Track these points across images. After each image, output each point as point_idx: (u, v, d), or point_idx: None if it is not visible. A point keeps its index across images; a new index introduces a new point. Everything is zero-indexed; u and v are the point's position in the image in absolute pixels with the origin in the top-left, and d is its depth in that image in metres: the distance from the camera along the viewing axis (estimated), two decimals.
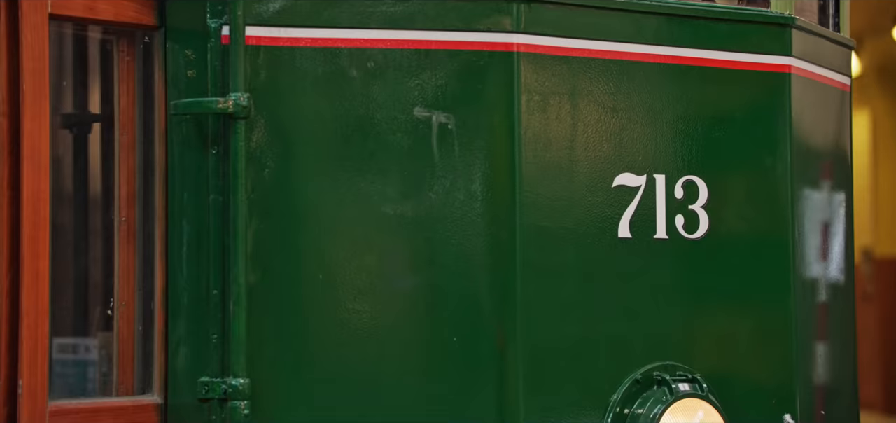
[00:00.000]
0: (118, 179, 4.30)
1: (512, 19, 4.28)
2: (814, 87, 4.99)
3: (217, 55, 4.16)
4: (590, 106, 4.41)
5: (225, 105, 4.10)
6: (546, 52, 4.33)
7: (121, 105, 4.30)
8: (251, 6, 4.13)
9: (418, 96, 4.22)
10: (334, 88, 4.19)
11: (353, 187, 4.20)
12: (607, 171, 4.43)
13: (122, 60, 4.30)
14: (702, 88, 4.63)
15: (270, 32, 4.15)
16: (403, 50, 4.22)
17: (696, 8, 4.65)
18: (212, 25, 4.16)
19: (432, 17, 4.24)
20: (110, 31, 4.37)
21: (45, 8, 4.02)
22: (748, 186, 4.73)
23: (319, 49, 4.18)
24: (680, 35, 4.59)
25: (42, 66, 4.01)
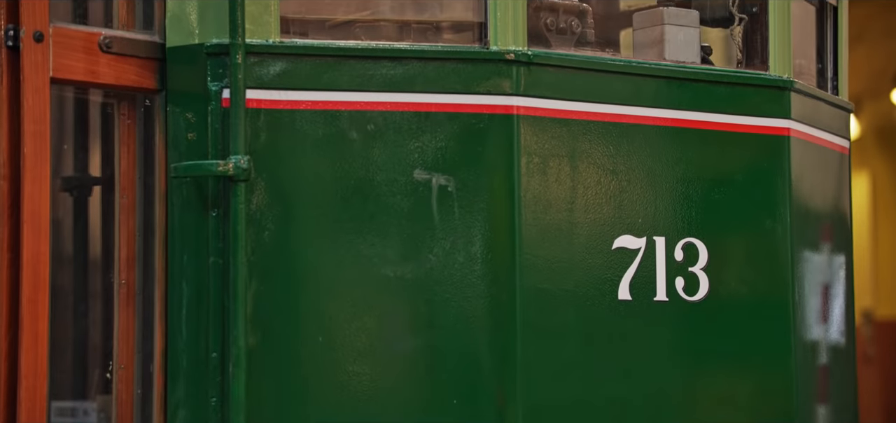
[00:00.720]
0: (118, 242, 4.31)
1: (511, 82, 4.29)
2: (813, 149, 5.00)
3: (217, 118, 4.17)
4: (589, 168, 4.42)
5: (225, 167, 4.11)
6: (545, 114, 4.34)
7: (121, 167, 4.31)
8: (252, 69, 4.15)
9: (418, 158, 4.23)
10: (334, 150, 4.20)
11: (353, 249, 4.20)
12: (607, 233, 4.44)
13: (123, 123, 4.32)
14: (701, 151, 4.65)
15: (271, 95, 4.17)
16: (403, 112, 4.23)
17: (694, 71, 4.67)
18: (212, 88, 4.17)
19: (432, 80, 4.26)
20: (111, 94, 4.39)
21: (46, 72, 4.04)
22: (748, 248, 4.74)
23: (319, 112, 4.20)
24: (679, 98, 4.61)
25: (43, 129, 4.02)
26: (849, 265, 5.37)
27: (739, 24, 4.91)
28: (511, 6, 4.30)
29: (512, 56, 4.29)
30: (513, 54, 4.29)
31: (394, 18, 4.65)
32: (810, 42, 5.38)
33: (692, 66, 4.70)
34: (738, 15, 4.90)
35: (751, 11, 4.90)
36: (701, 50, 4.84)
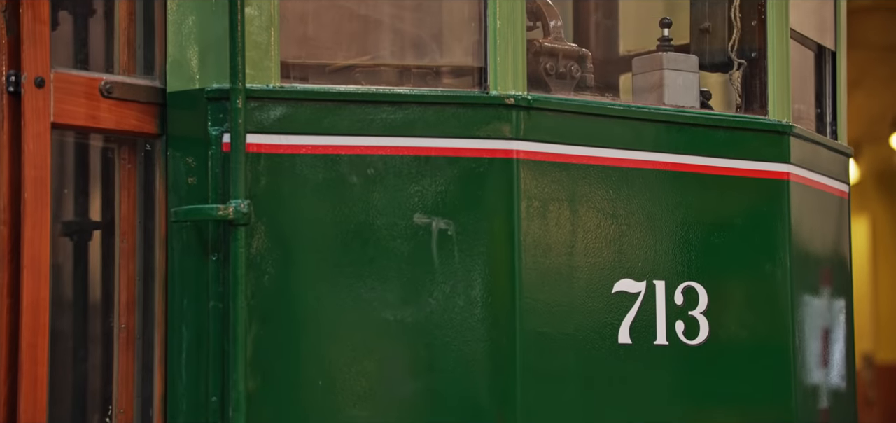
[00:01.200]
0: (118, 286, 4.30)
1: (511, 126, 4.30)
2: (812, 193, 5.00)
3: (218, 162, 4.17)
4: (589, 212, 4.42)
5: (225, 212, 4.11)
6: (545, 158, 4.35)
7: (121, 212, 4.31)
8: (252, 114, 4.16)
9: (418, 202, 4.24)
10: (334, 194, 4.20)
11: (353, 293, 4.20)
12: (607, 277, 4.44)
13: (124, 168, 4.32)
14: (701, 195, 4.65)
15: (271, 140, 4.17)
16: (403, 157, 4.24)
17: (694, 115, 4.68)
18: (213, 133, 4.18)
19: (432, 124, 4.26)
20: (112, 139, 4.39)
21: (47, 117, 4.04)
22: (748, 292, 4.73)
23: (320, 156, 4.20)
24: (679, 142, 4.61)
25: (43, 174, 4.02)
26: (849, 309, 5.37)
27: (738, 70, 4.92)
28: (511, 51, 4.31)
29: (512, 100, 4.30)
30: (513, 99, 4.30)
31: (394, 63, 4.66)
32: (809, 87, 5.39)
33: (692, 110, 4.71)
34: (737, 60, 4.91)
35: (750, 56, 4.91)
36: (700, 95, 4.86)
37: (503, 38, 4.31)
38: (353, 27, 4.82)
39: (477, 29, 4.35)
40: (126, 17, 4.31)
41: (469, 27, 4.47)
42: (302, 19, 4.65)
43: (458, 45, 4.72)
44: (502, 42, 4.31)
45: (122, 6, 4.31)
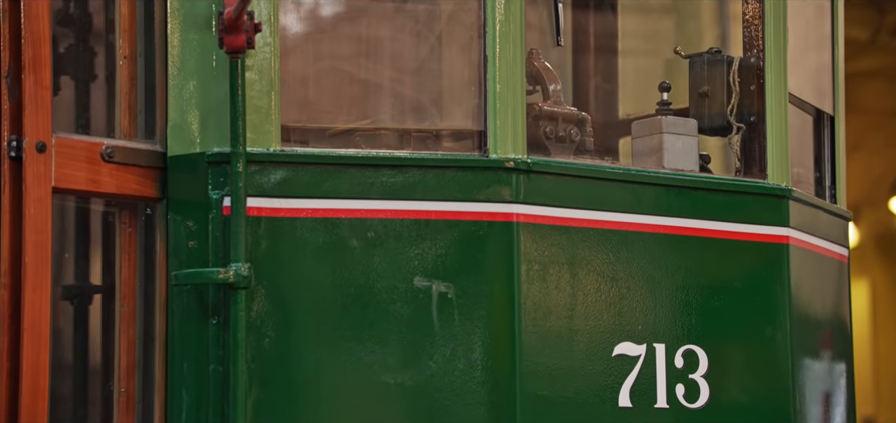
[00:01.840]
0: (118, 350, 4.30)
1: (511, 190, 4.31)
2: (812, 257, 5.00)
3: (218, 226, 4.18)
4: (589, 275, 4.42)
5: (226, 275, 4.11)
6: (545, 222, 4.35)
7: (122, 276, 4.31)
8: (253, 178, 4.16)
9: (418, 266, 4.24)
10: (335, 257, 4.20)
11: (353, 356, 4.19)
12: (607, 340, 4.43)
13: (124, 232, 4.33)
14: (701, 258, 4.65)
15: (271, 203, 4.18)
16: (403, 220, 4.24)
17: (693, 179, 4.68)
18: (213, 197, 4.18)
19: (432, 188, 4.27)
20: (113, 203, 4.40)
21: (48, 182, 4.05)
22: (748, 356, 4.73)
23: (320, 219, 4.21)
24: (678, 205, 4.62)
25: (44, 238, 4.03)
26: (849, 373, 5.36)
27: (737, 133, 4.93)
28: (510, 115, 4.33)
29: (511, 164, 4.31)
30: (512, 162, 4.31)
31: (394, 127, 4.68)
32: (808, 151, 5.40)
33: (691, 174, 4.71)
34: (736, 124, 4.92)
35: (749, 120, 4.92)
36: (700, 158, 4.86)
37: (503, 102, 4.32)
38: (354, 91, 4.84)
39: (477, 93, 4.36)
40: (127, 82, 4.33)
41: (469, 91, 4.49)
42: (302, 83, 4.67)
43: (458, 108, 4.74)
44: (502, 106, 4.32)
45: (124, 71, 4.33)
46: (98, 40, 4.63)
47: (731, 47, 5.16)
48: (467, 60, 4.53)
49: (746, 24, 4.93)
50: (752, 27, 4.92)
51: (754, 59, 4.91)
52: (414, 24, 4.88)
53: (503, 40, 4.32)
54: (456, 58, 4.76)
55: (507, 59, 4.33)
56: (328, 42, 4.89)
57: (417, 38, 4.88)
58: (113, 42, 4.42)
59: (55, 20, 4.41)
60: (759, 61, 4.89)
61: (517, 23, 4.34)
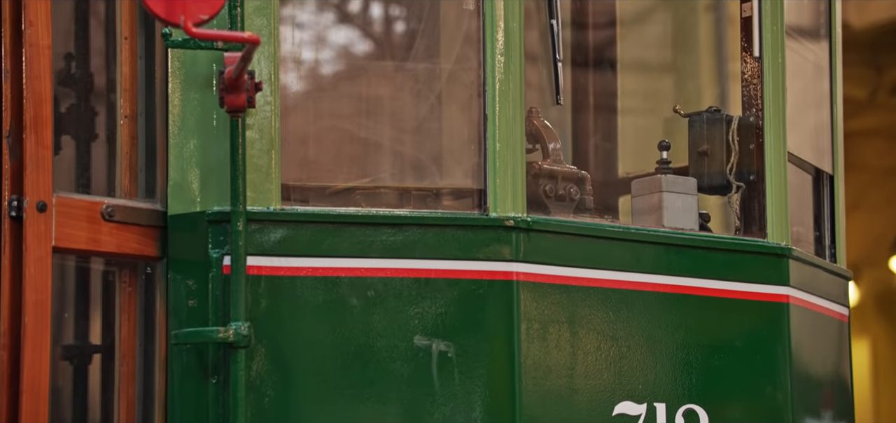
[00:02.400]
0: (118, 410, 4.29)
1: (511, 248, 4.31)
2: (812, 316, 5.00)
3: (218, 285, 4.18)
4: (589, 334, 4.42)
5: (226, 334, 4.11)
6: (545, 280, 4.35)
7: (121, 335, 4.31)
8: (253, 236, 4.17)
9: (418, 324, 4.23)
10: (334, 316, 4.20)
11: (353, 415, 4.18)
12: (607, 399, 4.42)
13: (124, 291, 4.33)
14: (700, 317, 4.65)
15: (271, 262, 4.18)
16: (403, 279, 4.24)
17: (693, 237, 4.68)
18: (213, 256, 4.19)
19: (432, 246, 4.27)
20: (113, 262, 4.40)
21: (49, 241, 4.05)
22: (749, 415, 4.71)
23: (320, 278, 4.21)
24: (678, 264, 4.62)
25: (44, 298, 4.02)
26: None
27: (737, 192, 4.94)
28: (510, 173, 4.33)
29: (511, 222, 4.31)
30: (512, 221, 4.31)
31: (394, 185, 4.68)
32: (808, 210, 5.40)
33: (690, 232, 4.72)
34: (735, 183, 4.93)
35: (748, 179, 4.93)
36: (699, 217, 4.87)
37: (503, 161, 4.33)
38: (354, 150, 4.85)
39: (477, 151, 4.37)
40: (128, 141, 4.34)
41: (469, 150, 4.49)
42: (302, 142, 4.68)
43: (458, 167, 4.74)
44: (502, 164, 4.33)
45: (125, 130, 4.34)
46: (99, 100, 4.64)
47: (731, 106, 5.18)
48: (467, 119, 4.54)
49: (745, 83, 4.95)
50: (751, 86, 4.93)
51: (753, 119, 4.92)
52: (414, 84, 4.90)
53: (503, 99, 4.34)
54: (456, 116, 4.78)
55: (507, 117, 4.34)
56: (328, 101, 4.91)
57: (417, 96, 4.89)
58: (114, 101, 4.44)
59: (57, 80, 4.42)
60: (759, 120, 4.91)
61: (517, 82, 4.35)
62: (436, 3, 4.82)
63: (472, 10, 4.47)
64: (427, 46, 4.85)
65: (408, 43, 4.96)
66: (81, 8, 4.65)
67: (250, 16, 4.18)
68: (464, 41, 4.59)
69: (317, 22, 4.93)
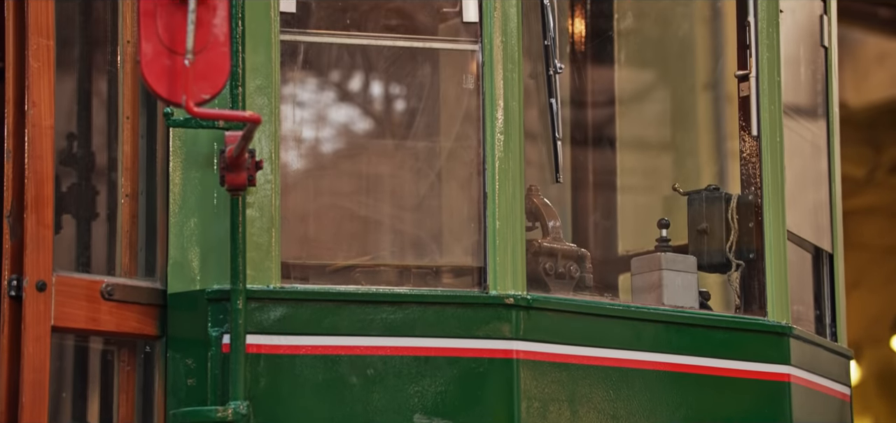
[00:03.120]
0: None
1: (511, 326, 4.30)
2: (814, 395, 4.98)
3: (217, 363, 4.17)
4: (590, 412, 4.40)
5: (224, 414, 4.09)
6: (545, 358, 4.34)
7: (120, 415, 4.30)
8: (252, 315, 4.16)
9: (418, 403, 4.22)
10: (334, 394, 4.19)
11: None
12: None
13: (123, 370, 4.32)
14: (701, 396, 4.63)
15: (271, 340, 4.17)
16: (403, 357, 4.23)
17: (693, 316, 4.68)
18: (213, 334, 4.18)
19: (432, 324, 4.27)
20: (112, 341, 4.39)
21: (48, 320, 4.05)
22: None
23: (320, 356, 4.20)
24: (678, 342, 4.61)
25: (42, 377, 4.01)
26: None
27: (737, 270, 4.94)
28: (510, 251, 4.34)
29: (511, 300, 4.31)
30: (512, 299, 4.31)
31: (394, 263, 4.68)
32: (808, 288, 5.40)
33: (690, 311, 4.71)
34: (735, 261, 4.93)
35: (748, 257, 4.93)
36: (699, 295, 4.86)
37: (502, 239, 4.34)
38: (354, 227, 4.86)
39: (476, 229, 4.38)
40: (129, 220, 4.34)
41: (469, 227, 4.50)
42: (303, 220, 4.69)
43: (458, 244, 4.75)
44: (502, 242, 4.33)
45: (126, 209, 4.35)
46: (100, 178, 4.66)
47: (730, 184, 5.19)
48: (467, 197, 4.55)
49: (744, 161, 4.96)
50: (750, 165, 4.94)
51: (752, 197, 4.93)
52: (414, 161, 4.91)
53: (503, 177, 4.35)
54: (456, 194, 4.79)
55: (507, 195, 4.35)
56: (329, 178, 4.93)
57: (417, 174, 4.91)
58: (115, 180, 4.45)
59: (59, 159, 4.44)
60: (758, 199, 4.91)
61: (516, 159, 4.36)
62: (436, 81, 4.85)
63: (471, 88, 4.50)
64: (427, 124, 4.87)
65: (408, 121, 4.98)
66: (84, 88, 4.68)
67: (252, 95, 4.20)
68: (464, 119, 4.61)
69: (317, 100, 4.95)
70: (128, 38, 4.38)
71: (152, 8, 3.59)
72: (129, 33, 4.38)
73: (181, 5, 3.60)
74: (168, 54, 3.59)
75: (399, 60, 4.81)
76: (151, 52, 3.58)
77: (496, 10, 4.39)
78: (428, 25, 4.68)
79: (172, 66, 3.60)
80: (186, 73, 3.59)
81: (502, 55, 4.38)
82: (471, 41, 4.45)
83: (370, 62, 4.92)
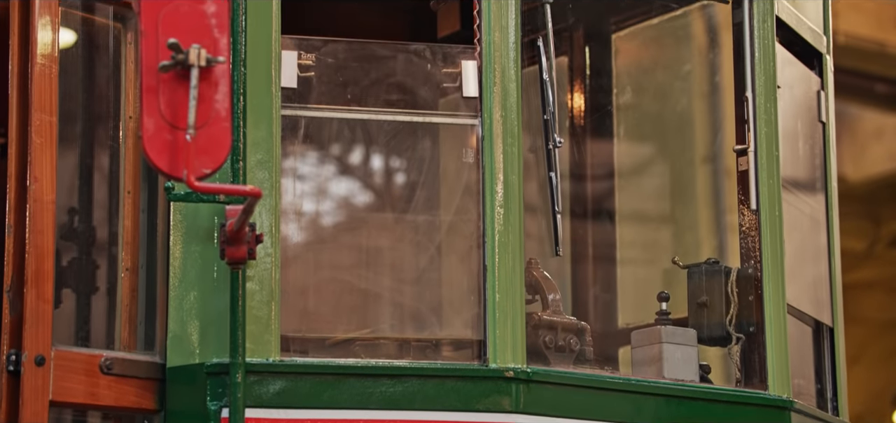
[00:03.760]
0: None
1: (511, 400, 4.29)
2: None
3: None
4: None
5: None
6: None
7: None
8: (252, 388, 4.15)
9: None
10: None
11: None
12: None
13: None
14: None
15: (270, 414, 4.16)
16: None
17: (693, 389, 4.67)
18: (212, 408, 4.17)
19: (432, 398, 4.26)
20: (110, 415, 4.38)
21: (46, 395, 4.04)
22: None
23: None
24: (679, 416, 4.60)
25: None
26: None
27: (737, 344, 4.93)
28: (510, 324, 4.33)
29: (511, 374, 4.30)
30: (512, 372, 4.30)
31: (393, 336, 4.68)
32: (808, 362, 5.39)
33: (691, 384, 4.70)
34: (735, 334, 4.92)
35: (748, 331, 4.92)
36: (699, 368, 4.86)
37: (502, 312, 4.33)
38: (354, 300, 4.85)
39: (476, 302, 4.38)
40: (128, 294, 4.35)
41: (468, 300, 4.50)
42: (302, 293, 4.69)
43: (458, 317, 4.74)
44: (502, 315, 4.33)
45: (125, 283, 4.35)
46: (101, 253, 4.66)
47: (729, 258, 5.19)
48: (467, 270, 4.55)
49: (743, 235, 4.97)
50: (749, 238, 4.95)
51: (752, 270, 4.93)
52: (414, 234, 4.92)
53: (502, 250, 4.35)
54: (455, 267, 4.79)
55: (507, 268, 4.35)
56: (329, 252, 4.93)
57: (417, 247, 4.91)
58: (116, 254, 4.45)
59: (59, 234, 4.45)
60: (757, 272, 4.91)
61: (516, 233, 4.37)
62: (436, 155, 4.86)
63: (471, 162, 4.51)
64: (427, 198, 4.88)
65: (408, 194, 4.99)
66: (86, 162, 4.69)
67: (252, 169, 4.22)
68: (464, 193, 4.62)
69: (318, 173, 4.97)
70: (130, 113, 4.40)
71: (155, 84, 3.61)
72: (131, 109, 4.40)
73: (183, 81, 3.62)
74: (170, 129, 3.61)
75: (399, 134, 4.83)
76: (153, 127, 3.60)
77: (496, 85, 4.41)
78: (428, 100, 4.71)
79: (174, 141, 3.61)
80: (188, 147, 3.61)
81: (502, 129, 4.39)
82: (471, 115, 4.47)
83: (371, 136, 4.94)
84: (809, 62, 5.43)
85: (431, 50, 4.69)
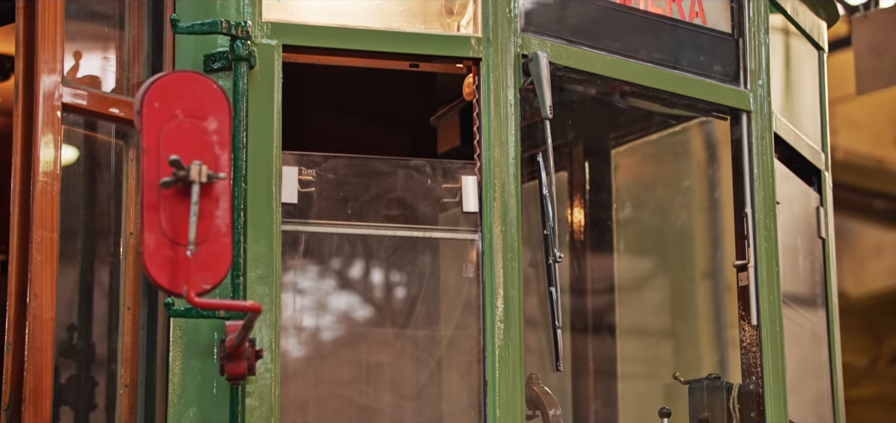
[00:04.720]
0: None
1: None
2: None
3: None
4: None
5: None
6: None
7: None
8: None
9: None
10: None
11: None
12: None
13: None
14: None
15: None
16: None
17: None
18: None
19: None
20: None
21: None
22: None
23: None
24: None
25: None
26: None
27: None
28: None
29: None
30: None
31: None
32: None
33: None
34: None
35: None
36: None
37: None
38: (354, 415, 4.83)
39: (477, 417, 4.36)
40: (127, 411, 4.33)
41: (469, 416, 4.48)
42: (302, 408, 4.67)
43: None
44: None
45: (124, 400, 4.33)
46: (100, 369, 4.64)
47: (730, 373, 5.17)
48: (467, 385, 4.53)
49: (744, 350, 4.95)
50: (751, 354, 4.94)
51: (753, 386, 4.92)
52: (414, 349, 4.91)
53: (503, 365, 4.34)
54: (456, 382, 4.77)
55: (507, 384, 4.34)
56: (328, 367, 4.91)
57: (417, 362, 4.90)
58: (115, 371, 4.44)
59: (58, 351, 4.43)
60: (759, 388, 4.90)
61: (516, 348, 4.36)
62: (436, 269, 4.86)
63: (471, 277, 4.51)
64: (427, 313, 4.88)
65: (408, 309, 4.98)
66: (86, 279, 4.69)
67: (253, 284, 4.21)
68: (464, 307, 4.62)
69: (318, 288, 4.97)
70: (130, 229, 4.41)
71: (156, 200, 3.62)
72: (132, 225, 4.41)
73: (184, 197, 3.63)
74: (170, 245, 3.61)
75: (400, 249, 4.83)
76: (154, 243, 3.60)
77: (496, 200, 4.42)
78: (428, 215, 4.72)
79: (174, 257, 3.62)
80: (188, 263, 3.61)
81: (502, 244, 4.40)
82: (471, 230, 4.48)
83: (371, 251, 4.94)
84: (808, 179, 5.45)
85: (432, 165, 4.70)
